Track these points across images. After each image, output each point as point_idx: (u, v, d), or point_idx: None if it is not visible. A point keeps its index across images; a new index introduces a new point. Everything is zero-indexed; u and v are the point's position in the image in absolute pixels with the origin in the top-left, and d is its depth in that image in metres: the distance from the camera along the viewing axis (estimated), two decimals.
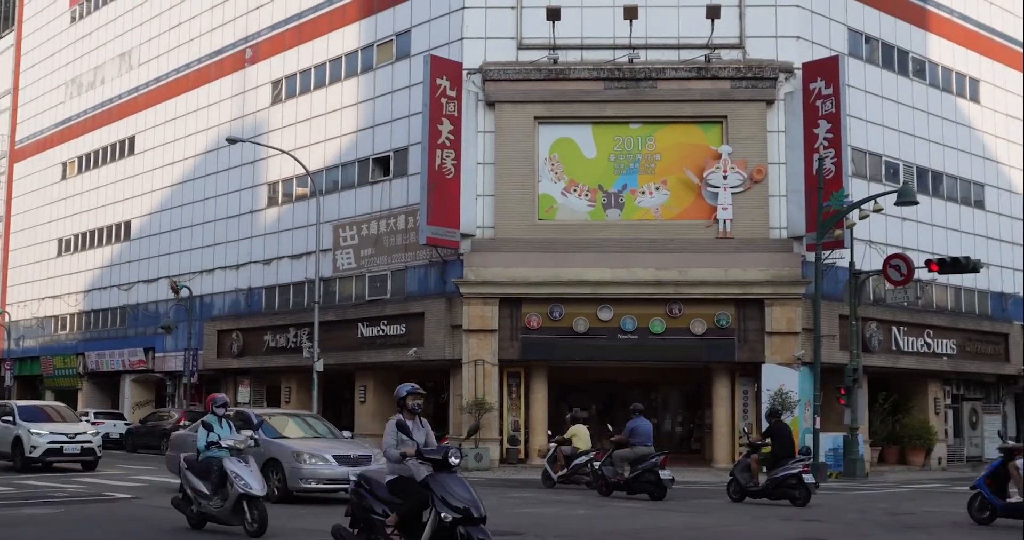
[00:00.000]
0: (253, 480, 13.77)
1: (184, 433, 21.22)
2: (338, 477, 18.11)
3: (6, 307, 61.63)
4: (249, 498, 13.66)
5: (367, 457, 18.86)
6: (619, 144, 33.19)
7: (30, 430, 26.41)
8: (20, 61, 64.03)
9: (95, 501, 18.60)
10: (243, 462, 14.07)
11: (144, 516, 16.14)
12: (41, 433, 26.41)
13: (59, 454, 26.54)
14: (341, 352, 35.95)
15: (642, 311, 31.88)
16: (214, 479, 14.05)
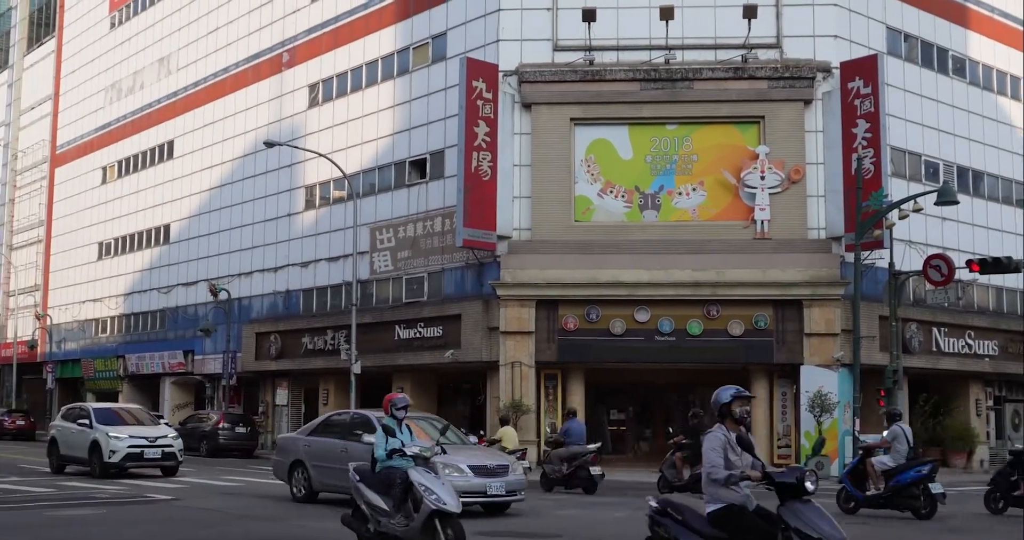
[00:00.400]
0: (446, 494, 11.76)
1: (292, 436, 20.33)
2: (474, 490, 16.43)
3: (48, 310, 62.27)
4: (443, 515, 11.63)
5: (504, 467, 17.14)
6: (656, 145, 33.10)
7: (108, 434, 25.08)
8: (60, 67, 64.72)
9: (136, 502, 18.73)
10: (431, 473, 12.13)
11: (184, 517, 16.23)
12: (120, 437, 25.11)
13: (139, 459, 25.22)
14: (378, 354, 36.05)
15: (679, 312, 31.76)
16: (397, 493, 12.13)
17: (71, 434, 26.10)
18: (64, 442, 26.38)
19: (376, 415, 17.23)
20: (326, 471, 17.93)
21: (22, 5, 71.10)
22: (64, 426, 26.77)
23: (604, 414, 35.84)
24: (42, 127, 66.52)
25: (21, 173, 68.67)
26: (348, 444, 17.63)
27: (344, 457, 16.79)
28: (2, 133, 71.74)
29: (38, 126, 67.18)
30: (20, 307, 64.94)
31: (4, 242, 69.03)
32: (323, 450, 18.29)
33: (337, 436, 18.36)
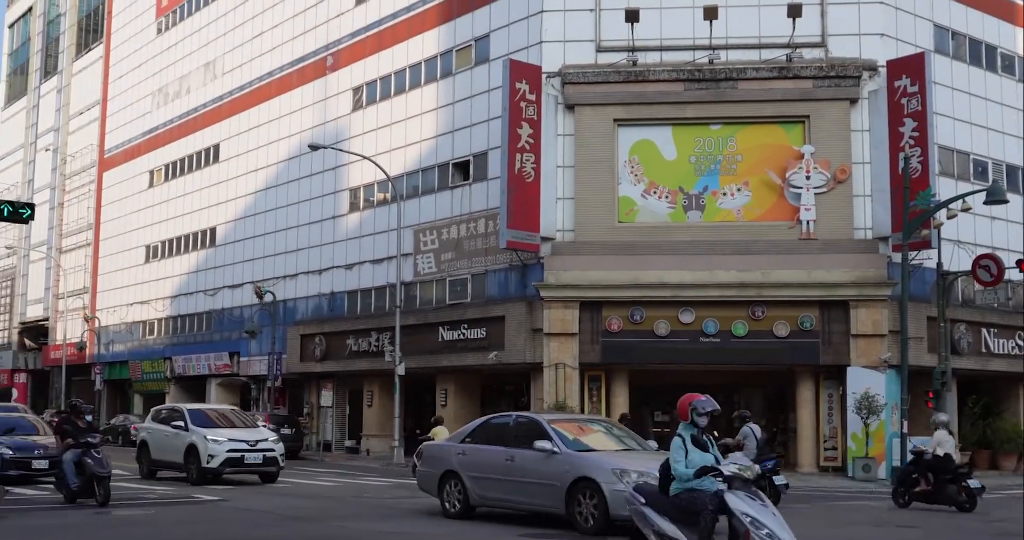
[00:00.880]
0: (781, 530, 9.55)
1: (441, 444, 18.05)
2: None
3: (96, 313, 62.99)
4: None
5: None
6: (700, 145, 32.95)
7: (207, 437, 23.46)
8: (108, 72, 65.49)
9: (183, 503, 18.88)
10: (757, 499, 9.84)
11: (233, 518, 16.33)
12: (219, 440, 23.45)
13: (239, 464, 23.62)
14: (422, 356, 36.15)
15: (724, 314, 31.61)
16: (706, 524, 9.80)
17: (164, 437, 24.56)
18: (156, 446, 24.92)
19: (545, 417, 15.73)
20: (487, 483, 15.77)
21: (71, 12, 72.01)
22: (156, 428, 25.36)
23: (648, 416, 35.68)
24: (90, 132, 67.33)
25: (70, 177, 69.53)
26: (515, 452, 15.40)
27: (511, 467, 15.33)
28: (51, 138, 72.68)
29: (86, 131, 68.01)
30: (69, 309, 65.75)
31: (53, 245, 69.92)
32: (483, 459, 15.97)
33: (499, 443, 15.95)
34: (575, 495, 14.20)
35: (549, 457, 14.62)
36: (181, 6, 57.49)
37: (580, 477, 14.18)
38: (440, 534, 14.66)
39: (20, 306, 75.07)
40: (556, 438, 14.71)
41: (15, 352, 75.05)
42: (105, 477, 17.59)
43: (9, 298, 77.57)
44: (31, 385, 73.50)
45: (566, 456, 14.51)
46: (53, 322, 68.77)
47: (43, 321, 70.58)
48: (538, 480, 14.78)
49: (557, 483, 14.36)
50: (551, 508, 14.67)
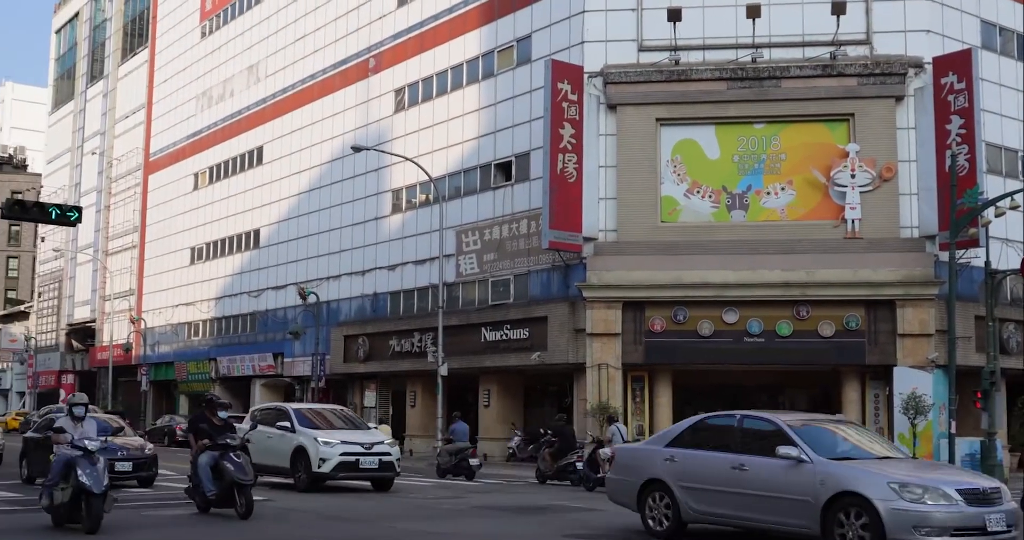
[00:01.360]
0: None
1: (642, 449, 15.26)
2: (968, 525, 11.28)
3: (142, 314, 63.61)
4: None
5: (997, 491, 11.84)
6: (743, 144, 32.77)
7: (317, 439, 21.24)
8: (153, 76, 66.15)
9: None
10: None
11: (278, 517, 16.39)
12: (331, 442, 21.19)
13: (354, 469, 21.37)
14: (465, 356, 36.20)
15: (768, 313, 31.42)
16: None
17: (267, 440, 21.75)
18: (259, 449, 21.57)
19: (783, 418, 13.18)
20: (707, 495, 13.21)
21: (116, 17, 72.81)
22: (257, 430, 22.78)
23: (692, 415, 35.49)
24: (136, 135, 68.02)
25: (116, 180, 70.28)
26: (746, 459, 12.87)
27: (740, 478, 12.76)
28: (98, 142, 73.52)
29: (132, 134, 68.72)
30: (115, 311, 66.44)
31: (100, 248, 70.70)
32: (701, 467, 13.43)
33: (721, 448, 13.41)
34: (834, 514, 11.74)
35: (795, 466, 12.20)
36: (225, 10, 57.96)
37: (842, 491, 11.74)
38: None
39: (68, 308, 75.99)
40: (803, 444, 12.35)
41: (63, 353, 75.98)
42: (247, 485, 15.46)
43: (57, 300, 78.56)
44: (78, 386, 74.31)
45: (819, 465, 12.06)
46: (100, 324, 69.54)
47: (90, 323, 71.39)
48: (780, 494, 12.33)
49: (809, 498, 11.97)
50: (799, 528, 12.25)
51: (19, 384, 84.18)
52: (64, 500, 13.68)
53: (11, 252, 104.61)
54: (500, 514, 17.31)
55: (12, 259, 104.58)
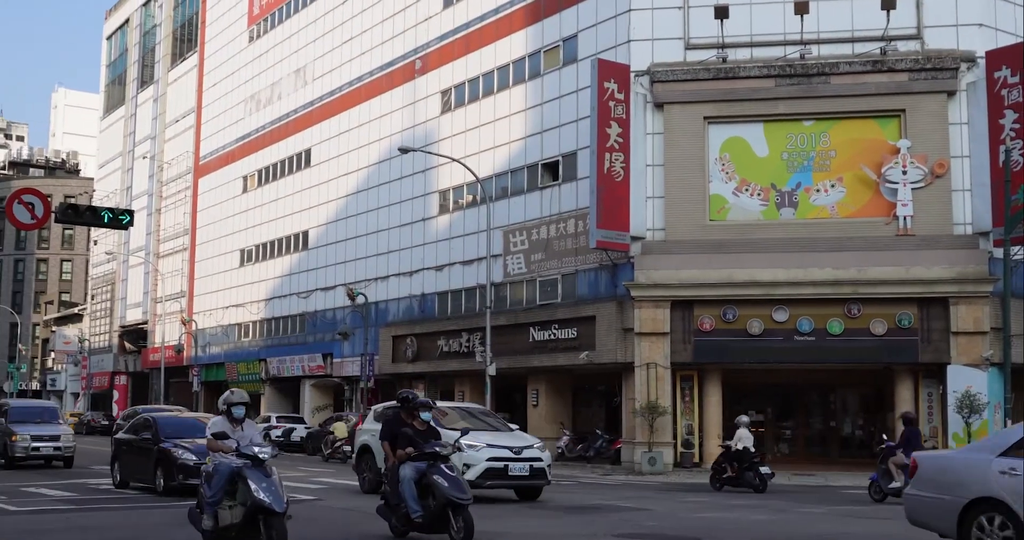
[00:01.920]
0: None
1: (954, 456, 12.29)
2: None
3: (193, 316, 64.25)
4: None
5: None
6: (792, 142, 32.50)
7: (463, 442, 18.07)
8: (202, 81, 66.82)
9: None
10: None
11: (329, 518, 16.45)
12: (476, 446, 18.81)
13: (502, 476, 19.13)
14: (513, 356, 36.20)
15: (819, 312, 31.12)
16: None
17: None
18: None
19: None
20: None
21: (166, 23, 73.62)
22: (380, 428, 20.11)
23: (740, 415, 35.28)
24: (186, 139, 68.73)
25: (167, 184, 71.05)
26: None
27: None
28: (148, 146, 74.36)
29: (182, 138, 69.44)
30: (167, 313, 67.15)
31: (151, 250, 71.49)
32: None
33: None
34: None
35: None
36: (272, 14, 58.42)
37: None
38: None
39: (120, 310, 76.92)
40: None
41: (115, 355, 76.93)
42: (464, 504, 12.44)
43: (110, 302, 79.54)
44: (131, 387, 75.26)
45: None
46: (152, 325, 70.32)
47: (142, 324, 72.21)
48: None
49: None
50: None
51: (73, 385, 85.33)
52: (234, 521, 11.21)
53: (65, 255, 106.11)
54: None
55: (66, 262, 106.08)
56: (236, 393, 11.95)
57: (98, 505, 18.41)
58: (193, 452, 19.29)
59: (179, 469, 19.57)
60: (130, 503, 18.89)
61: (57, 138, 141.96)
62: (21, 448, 28.03)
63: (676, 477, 29.02)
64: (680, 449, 32.31)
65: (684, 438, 32.42)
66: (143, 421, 22.74)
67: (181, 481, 19.38)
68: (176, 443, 20.25)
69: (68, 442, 28.74)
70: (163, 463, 20.18)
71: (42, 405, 34.57)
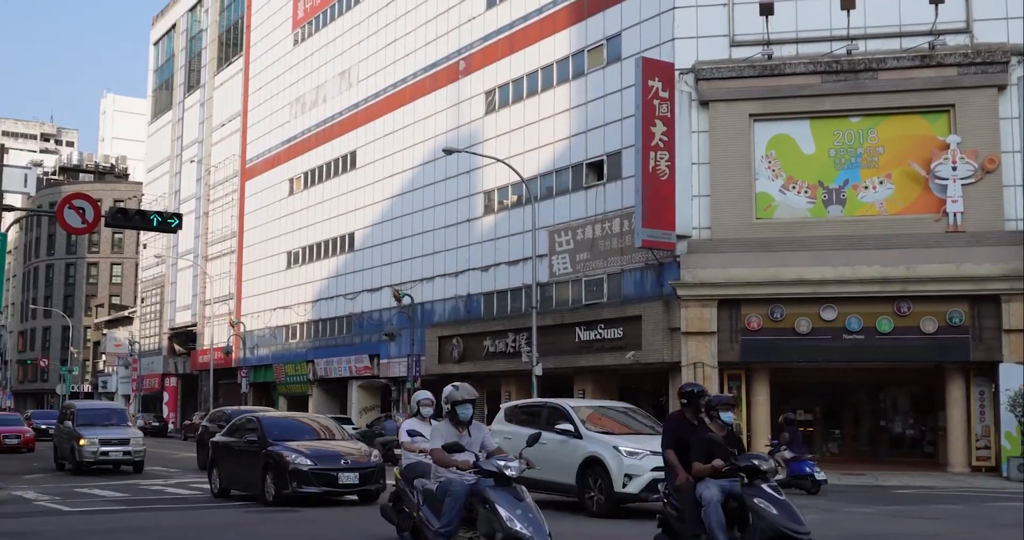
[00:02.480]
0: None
1: None
2: None
3: (241, 318, 64.77)
4: None
5: None
6: (839, 138, 32.20)
7: (618, 448, 16.39)
8: (248, 84, 67.35)
9: (333, 504, 19.11)
10: None
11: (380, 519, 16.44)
12: (637, 453, 16.21)
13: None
14: (559, 356, 36.16)
15: (868, 310, 30.81)
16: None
17: (543, 450, 15.39)
18: None
19: None
20: None
21: (212, 27, 74.29)
22: (517, 432, 17.39)
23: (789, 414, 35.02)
24: (232, 142, 69.32)
25: (214, 187, 71.70)
26: None
27: None
28: (196, 150, 75.08)
29: (229, 142, 70.04)
30: (216, 315, 67.75)
31: (200, 253, 72.18)
32: None
33: None
34: None
35: None
36: (316, 17, 58.78)
37: None
38: None
39: (169, 313, 77.73)
40: None
41: (165, 357, 77.74)
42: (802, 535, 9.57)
43: (159, 305, 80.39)
44: (180, 389, 76.03)
45: None
46: (200, 327, 70.97)
47: (191, 327, 72.92)
48: None
49: None
50: None
51: (124, 387, 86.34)
52: None
53: (115, 259, 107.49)
54: None
55: (116, 266, 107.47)
56: (462, 388, 10.07)
57: (150, 505, 18.61)
58: (308, 457, 17.94)
59: (292, 475, 17.73)
60: (182, 504, 19.07)
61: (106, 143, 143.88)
62: (89, 453, 27.04)
63: None
64: None
65: None
66: (245, 421, 20.51)
67: (295, 489, 17.65)
68: (287, 446, 18.34)
69: (138, 446, 27.78)
70: (273, 469, 18.07)
71: (110, 407, 33.53)
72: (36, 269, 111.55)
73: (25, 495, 20.77)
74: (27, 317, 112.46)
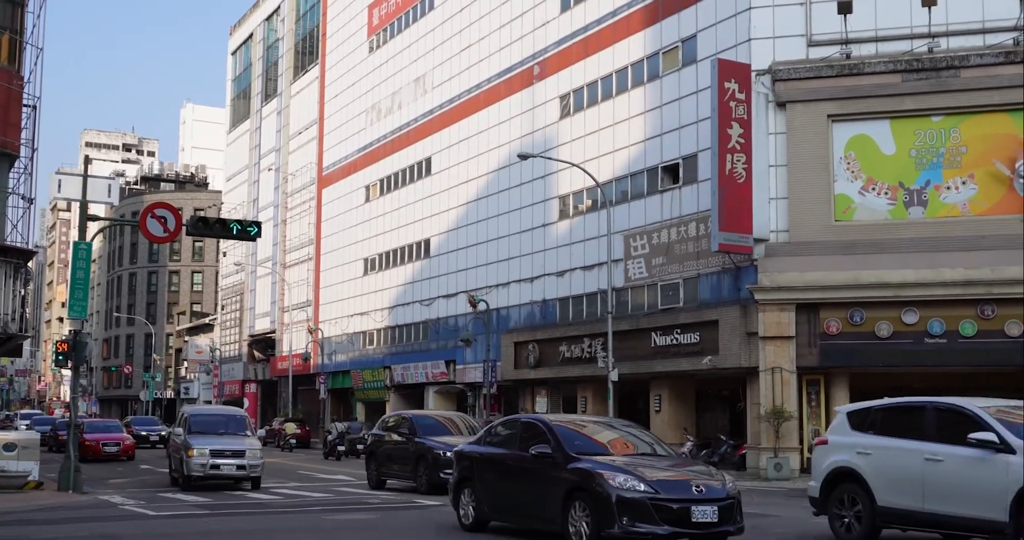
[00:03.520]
0: None
1: None
2: None
3: (319, 324, 65.36)
4: None
5: None
6: (920, 138, 31.58)
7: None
8: (324, 92, 68.04)
9: (407, 508, 19.19)
10: None
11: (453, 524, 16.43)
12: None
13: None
14: (635, 361, 35.92)
15: (950, 313, 30.15)
16: None
17: (939, 471, 12.37)
18: (894, 479, 12.93)
19: None
20: None
21: (288, 36, 75.21)
22: (897, 448, 13.10)
23: None
24: (309, 150, 70.06)
25: (291, 195, 72.51)
26: None
27: None
28: (273, 158, 76.02)
29: (305, 150, 70.81)
30: (294, 322, 68.48)
31: (278, 261, 73.03)
32: None
33: None
34: None
35: None
36: (391, 24, 59.21)
37: None
38: None
39: (249, 319, 78.73)
40: None
41: (245, 363, 78.76)
42: None
43: (239, 312, 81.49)
44: (260, 395, 76.97)
45: None
46: (279, 334, 71.78)
47: (270, 333, 73.78)
48: None
49: None
50: None
51: (205, 393, 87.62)
52: None
53: (195, 267, 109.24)
54: None
55: (196, 274, 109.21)
56: None
57: (233, 510, 18.79)
58: (642, 480, 12.79)
59: (621, 507, 11.75)
60: (264, 509, 19.23)
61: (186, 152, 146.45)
62: (198, 465, 23.61)
63: (803, 483, 28.33)
64: (806, 454, 31.58)
65: (811, 443, 31.67)
66: (524, 427, 14.85)
67: (626, 528, 11.90)
68: (599, 462, 12.85)
69: (255, 459, 24.07)
70: (588, 497, 12.38)
71: (227, 413, 27.83)
72: (119, 277, 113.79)
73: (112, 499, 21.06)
74: (111, 325, 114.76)
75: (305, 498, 21.56)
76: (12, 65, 24.90)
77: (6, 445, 23.54)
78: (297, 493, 22.95)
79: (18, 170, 25.28)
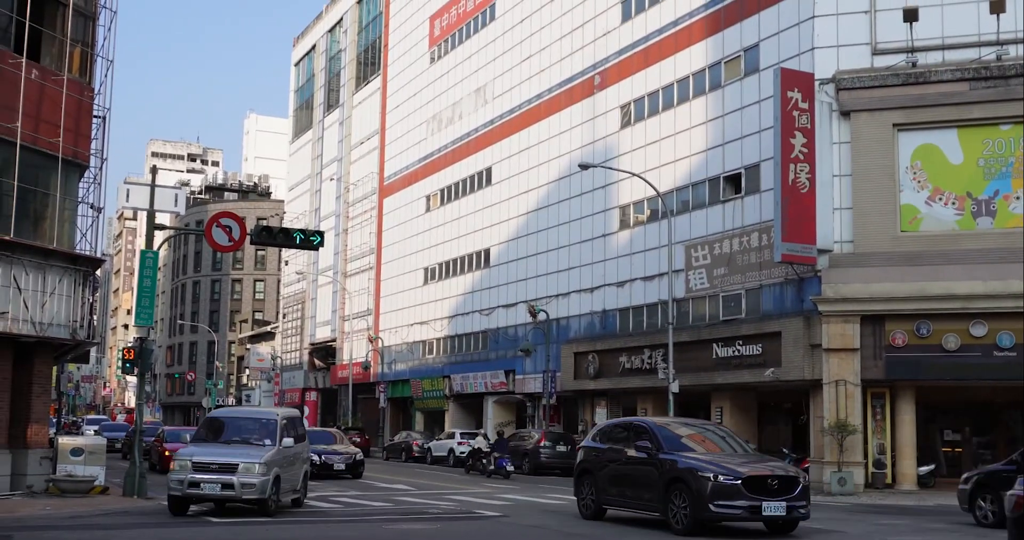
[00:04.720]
0: None
1: None
2: None
3: (379, 333, 65.71)
4: None
5: None
6: (988, 147, 31.04)
7: None
8: (386, 103, 68.52)
9: (466, 518, 19.17)
10: None
11: (514, 534, 16.41)
12: None
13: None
14: (696, 373, 35.66)
15: (1020, 326, 29.56)
16: None
17: None
18: None
19: None
20: None
21: (350, 48, 75.87)
22: None
23: (936, 434, 33.91)
24: (370, 160, 70.54)
25: (353, 205, 73.04)
26: None
27: None
28: (335, 168, 76.64)
29: (367, 160, 71.32)
30: (354, 330, 68.91)
31: (339, 270, 73.56)
32: None
33: None
34: None
35: None
36: (452, 35, 59.48)
37: None
38: None
39: (310, 328, 79.35)
40: None
41: (306, 371, 79.35)
42: None
43: (300, 321, 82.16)
44: (320, 403, 77.49)
45: None
46: (340, 343, 72.25)
47: (331, 342, 74.29)
48: None
49: None
50: None
51: (267, 401, 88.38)
52: None
53: (258, 276, 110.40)
54: None
55: (259, 282, 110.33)
56: None
57: (293, 518, 18.88)
58: None
59: None
60: (324, 517, 19.30)
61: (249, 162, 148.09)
62: (175, 482, 18.70)
63: (867, 498, 27.99)
64: (871, 469, 31.16)
65: (875, 458, 31.26)
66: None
67: None
68: None
69: (253, 476, 18.41)
70: None
71: (253, 415, 21.51)
72: (183, 286, 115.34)
73: None
74: (175, 332, 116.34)
75: (366, 507, 21.53)
76: (83, 77, 25.34)
77: (73, 450, 23.98)
78: (357, 502, 22.96)
79: (87, 180, 25.69)
